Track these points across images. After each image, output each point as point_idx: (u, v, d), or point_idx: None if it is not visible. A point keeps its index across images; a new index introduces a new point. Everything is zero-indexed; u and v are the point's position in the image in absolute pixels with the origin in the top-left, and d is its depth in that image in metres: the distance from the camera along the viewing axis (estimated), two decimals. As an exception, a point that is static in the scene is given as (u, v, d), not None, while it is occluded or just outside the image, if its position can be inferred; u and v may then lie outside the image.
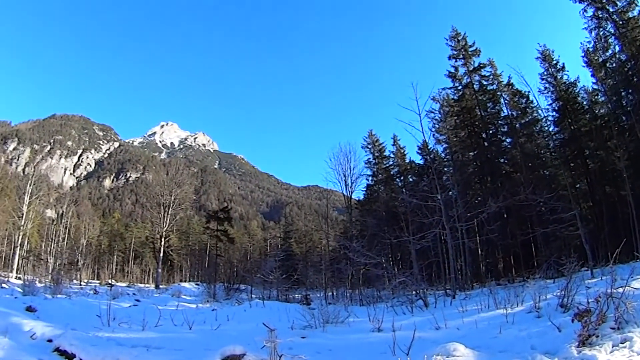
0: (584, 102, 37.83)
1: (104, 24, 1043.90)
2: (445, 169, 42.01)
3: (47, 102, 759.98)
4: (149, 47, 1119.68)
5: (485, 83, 41.25)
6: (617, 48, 32.99)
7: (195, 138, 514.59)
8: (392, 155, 56.48)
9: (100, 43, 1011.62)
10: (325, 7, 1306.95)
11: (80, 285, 52.03)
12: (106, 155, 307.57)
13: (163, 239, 59.31)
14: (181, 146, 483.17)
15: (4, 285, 34.20)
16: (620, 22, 31.87)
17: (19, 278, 47.15)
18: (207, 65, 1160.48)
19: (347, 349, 11.19)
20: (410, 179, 52.32)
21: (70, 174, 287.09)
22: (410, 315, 17.96)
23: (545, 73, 38.09)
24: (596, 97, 37.55)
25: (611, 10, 32.15)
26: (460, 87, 42.04)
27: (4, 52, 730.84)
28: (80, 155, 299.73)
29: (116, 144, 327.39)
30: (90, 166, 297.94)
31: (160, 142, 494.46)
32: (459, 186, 33.93)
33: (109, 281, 62.64)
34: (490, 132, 40.94)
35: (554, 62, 37.81)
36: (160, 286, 57.62)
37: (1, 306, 14.77)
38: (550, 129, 38.66)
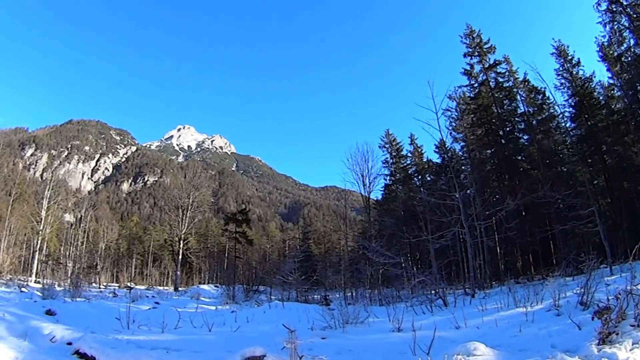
0: (600, 97, 37.43)
1: (119, 29, 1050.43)
2: (463, 167, 41.74)
3: (64, 108, 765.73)
4: (164, 52, 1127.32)
5: (501, 80, 40.97)
6: (632, 42, 32.62)
7: (212, 141, 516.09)
8: (409, 155, 56.26)
9: (116, 48, 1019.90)
10: (339, 9, 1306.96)
11: (100, 288, 52.28)
12: (124, 159, 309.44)
13: (181, 242, 59.41)
14: (198, 149, 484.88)
15: (23, 289, 34.50)
16: (635, 15, 31.54)
17: (38, 282, 47.49)
18: (223, 68, 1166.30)
19: (367, 349, 11.12)
20: (428, 178, 52.05)
21: (88, 178, 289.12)
22: (429, 314, 17.88)
23: (561, 69, 37.71)
24: (612, 91, 37.17)
25: (625, 3, 31.82)
26: (476, 85, 41.78)
27: (21, 59, 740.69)
28: (98, 160, 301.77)
29: (133, 148, 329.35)
30: (108, 170, 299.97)
31: (177, 145, 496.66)
32: (476, 184, 33.72)
33: (128, 284, 62.87)
34: (507, 129, 40.68)
35: (570, 57, 37.42)
36: (179, 288, 57.92)
37: (21, 310, 14.91)
38: (567, 125, 38.36)
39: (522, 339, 9.63)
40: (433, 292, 23.49)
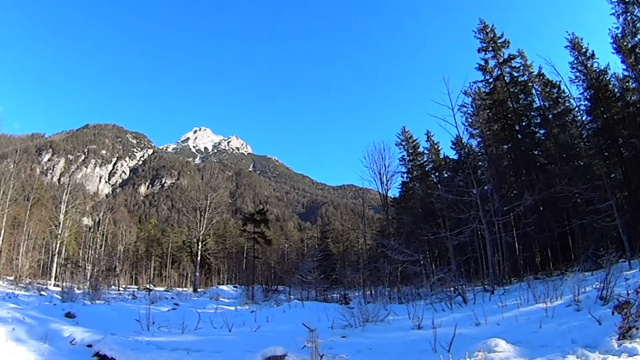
0: (616, 90, 36.97)
1: (134, 33, 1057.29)
2: (480, 164, 41.53)
3: (80, 112, 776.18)
4: (180, 54, 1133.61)
5: (516, 74, 40.70)
6: (646, 33, 32.43)
7: (228, 142, 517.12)
8: (426, 152, 55.88)
9: (131, 52, 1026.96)
10: (354, 7, 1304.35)
11: (119, 290, 52.83)
12: (140, 162, 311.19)
13: (200, 243, 59.64)
14: (215, 150, 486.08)
15: (42, 292, 34.91)
16: (648, 7, 31.34)
17: (57, 285, 48.03)
18: (238, 70, 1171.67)
19: (387, 348, 11.24)
20: (445, 175, 51.72)
21: (106, 182, 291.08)
22: (449, 311, 17.88)
23: (575, 61, 37.28)
24: (627, 83, 36.65)
25: (638, -6, 31.62)
26: (491, 80, 41.56)
27: (36, 67, 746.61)
28: (115, 164, 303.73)
29: (150, 151, 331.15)
30: (125, 174, 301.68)
31: (194, 147, 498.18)
32: (494, 180, 33.62)
33: (147, 286, 63.06)
34: (523, 124, 40.40)
35: (584, 50, 36.97)
36: (199, 289, 58.02)
37: (40, 313, 15.15)
38: (583, 119, 38.00)
39: (543, 335, 9.68)
40: (452, 289, 23.46)
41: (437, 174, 54.14)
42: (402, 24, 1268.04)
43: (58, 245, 58.83)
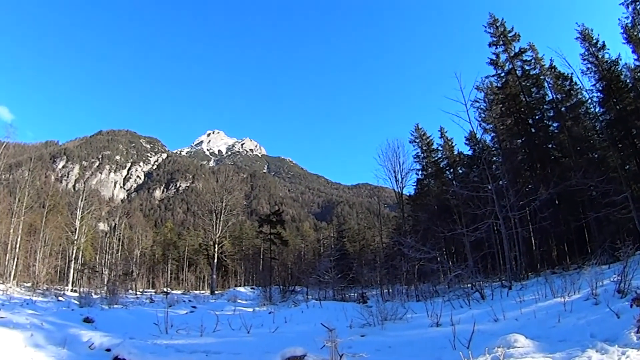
0: (628, 80, 36.65)
1: (144, 39, 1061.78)
2: (495, 159, 41.34)
3: (93, 119, 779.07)
4: (191, 59, 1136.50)
5: (527, 68, 40.50)
6: (656, 22, 32.22)
7: (242, 144, 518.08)
8: (440, 148, 55.63)
9: (141, 58, 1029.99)
10: (365, 4, 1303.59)
11: (136, 294, 53.16)
12: (155, 166, 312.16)
13: (216, 246, 59.95)
14: (229, 153, 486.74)
15: (60, 298, 35.21)
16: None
17: (75, 291, 48.23)
18: (250, 72, 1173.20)
19: (406, 346, 11.25)
20: (460, 171, 51.47)
21: (121, 187, 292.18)
22: (467, 308, 17.92)
23: (586, 53, 36.91)
24: (639, 74, 36.57)
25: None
26: (503, 74, 41.37)
27: (48, 74, 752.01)
28: (129, 169, 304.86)
29: (164, 155, 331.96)
30: (140, 178, 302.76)
31: (207, 150, 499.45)
32: (509, 175, 33.40)
33: (165, 289, 63.50)
34: (537, 117, 40.16)
35: (594, 41, 36.59)
36: (216, 292, 58.25)
37: (59, 318, 15.21)
38: (596, 111, 37.72)
39: (561, 330, 9.70)
40: (470, 285, 23.48)
41: (451, 170, 53.83)
42: (413, 22, 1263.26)
43: (75, 251, 59.13)
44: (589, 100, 37.39)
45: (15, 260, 48.24)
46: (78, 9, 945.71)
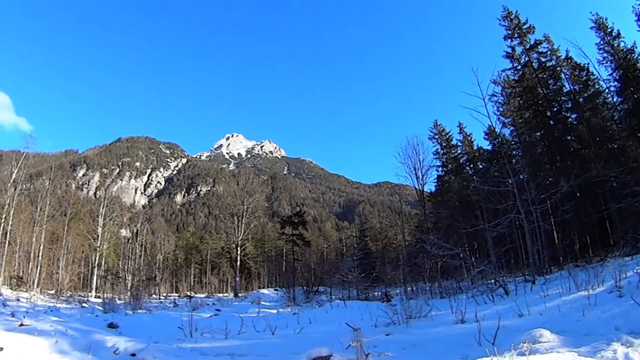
0: (644, 68, 36.45)
1: (161, 48, 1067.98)
2: (514, 152, 41.16)
3: (112, 127, 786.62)
4: (209, 64, 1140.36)
5: (543, 60, 40.25)
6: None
7: (261, 146, 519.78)
8: (459, 144, 55.42)
9: (159, 65, 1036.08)
10: (381, 3, 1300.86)
11: (160, 299, 53.52)
12: (175, 172, 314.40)
13: (239, 248, 60.26)
14: (248, 156, 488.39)
15: (84, 304, 35.45)
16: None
17: (98, 297, 48.77)
18: (268, 74, 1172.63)
19: (432, 343, 11.25)
20: (480, 166, 51.12)
21: (142, 193, 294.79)
22: (491, 304, 17.90)
23: (602, 42, 36.53)
24: (655, 61, 36.18)
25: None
26: (519, 67, 41.14)
27: (66, 83, 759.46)
28: (150, 175, 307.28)
29: (184, 160, 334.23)
30: (160, 184, 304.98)
31: (227, 153, 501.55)
32: (529, 168, 33.18)
33: (188, 293, 63.72)
34: (555, 109, 39.90)
35: (609, 29, 36.26)
36: (239, 294, 58.56)
37: (83, 324, 15.53)
38: (614, 100, 37.37)
39: (586, 323, 9.66)
40: (493, 281, 23.44)
41: (471, 165, 53.59)
42: (429, 17, 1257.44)
43: (97, 258, 59.87)
44: (607, 90, 37.12)
45: (39, 268, 48.94)
46: (92, 18, 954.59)
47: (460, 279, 31.68)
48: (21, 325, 13.57)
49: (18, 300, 34.79)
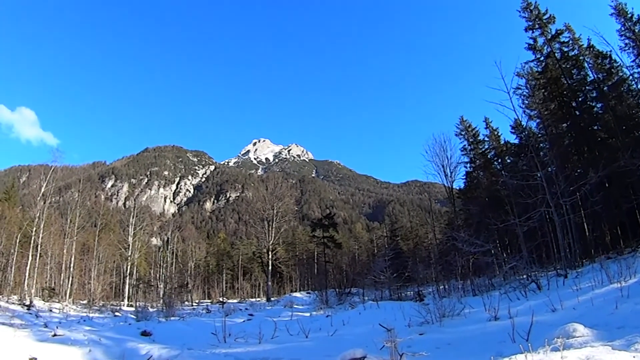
0: (667, 52, 35.94)
1: (188, 57, 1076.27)
2: (541, 145, 40.86)
3: (139, 137, 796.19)
4: (234, 71, 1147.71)
5: (566, 50, 39.94)
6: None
7: (289, 150, 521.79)
8: (486, 139, 54.93)
9: (182, 74, 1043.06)
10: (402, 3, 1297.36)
11: (192, 306, 54.12)
12: (203, 179, 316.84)
13: (270, 253, 60.44)
14: (276, 160, 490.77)
15: (117, 313, 36.04)
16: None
17: (131, 305, 49.46)
18: (293, 78, 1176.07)
19: (465, 341, 11.23)
20: (508, 160, 50.50)
21: (171, 201, 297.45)
22: (524, 299, 17.81)
23: (623, 28, 36.10)
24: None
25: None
26: (542, 58, 40.91)
27: (93, 97, 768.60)
28: (178, 183, 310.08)
29: (212, 167, 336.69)
30: (189, 192, 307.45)
31: (255, 159, 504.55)
32: (557, 160, 32.91)
33: (220, 299, 63.93)
34: (580, 99, 39.51)
35: (629, 15, 35.98)
36: (272, 298, 58.80)
37: (116, 333, 15.68)
38: (639, 87, 37.04)
39: (619, 316, 9.65)
40: (525, 276, 23.33)
41: (499, 160, 52.97)
42: (453, 13, 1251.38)
43: (129, 267, 60.74)
44: (630, 77, 36.66)
45: (70, 279, 49.72)
46: (116, 30, 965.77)
47: (492, 275, 31.56)
48: (54, 335, 13.69)
49: (51, 311, 35.44)
